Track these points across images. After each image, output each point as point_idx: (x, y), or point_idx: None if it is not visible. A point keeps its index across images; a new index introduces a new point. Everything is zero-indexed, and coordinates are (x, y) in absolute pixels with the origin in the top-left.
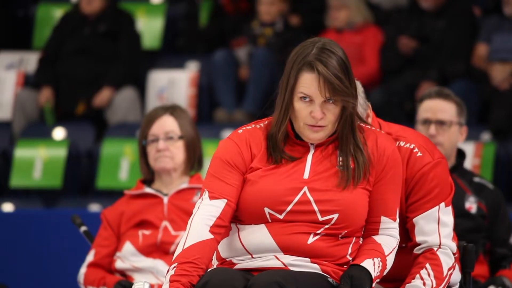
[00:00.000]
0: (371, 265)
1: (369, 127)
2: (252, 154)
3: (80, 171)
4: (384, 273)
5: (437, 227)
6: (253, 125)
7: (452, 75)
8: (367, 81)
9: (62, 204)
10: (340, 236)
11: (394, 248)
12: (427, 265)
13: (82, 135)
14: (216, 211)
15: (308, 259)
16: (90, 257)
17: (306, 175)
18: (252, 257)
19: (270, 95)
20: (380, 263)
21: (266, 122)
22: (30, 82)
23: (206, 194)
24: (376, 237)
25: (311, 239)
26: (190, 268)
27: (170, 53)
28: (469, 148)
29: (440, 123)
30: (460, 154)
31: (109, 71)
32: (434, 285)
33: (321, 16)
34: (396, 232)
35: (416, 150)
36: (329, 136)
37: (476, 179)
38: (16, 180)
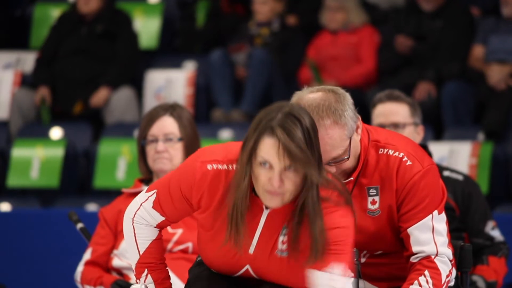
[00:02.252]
0: None
1: (327, 201)
2: (200, 205)
3: (77, 171)
4: None
5: (431, 236)
6: (224, 166)
7: (448, 75)
8: (363, 81)
9: (59, 204)
10: None
11: None
12: (426, 272)
13: (79, 134)
14: (153, 222)
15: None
16: (87, 255)
17: (251, 249)
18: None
19: (267, 95)
20: None
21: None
22: (27, 81)
23: (153, 197)
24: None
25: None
26: (163, 269)
27: (167, 53)
28: (465, 148)
29: (395, 125)
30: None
31: (106, 71)
32: None
33: (318, 16)
34: (339, 281)
35: (405, 159)
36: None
37: (445, 173)
38: (13, 180)
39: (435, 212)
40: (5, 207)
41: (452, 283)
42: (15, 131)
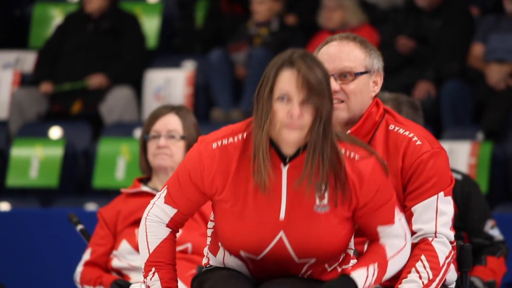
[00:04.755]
0: (363, 276)
1: (343, 148)
2: (216, 186)
3: (77, 171)
4: (387, 277)
5: (434, 216)
6: (230, 139)
7: (447, 75)
8: None
9: (58, 204)
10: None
11: (402, 248)
12: (422, 257)
13: (78, 134)
14: (166, 217)
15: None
16: (86, 256)
17: (281, 215)
18: None
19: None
20: (377, 270)
21: (245, 134)
22: (26, 81)
23: (164, 193)
24: (381, 240)
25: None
26: (172, 270)
27: (167, 53)
28: (465, 148)
29: None
30: None
31: (109, 67)
32: (431, 277)
33: (316, 16)
34: (399, 230)
35: (415, 139)
36: (303, 149)
37: None
38: (13, 180)
39: (441, 194)
40: (5, 206)
41: (453, 286)
42: (14, 130)
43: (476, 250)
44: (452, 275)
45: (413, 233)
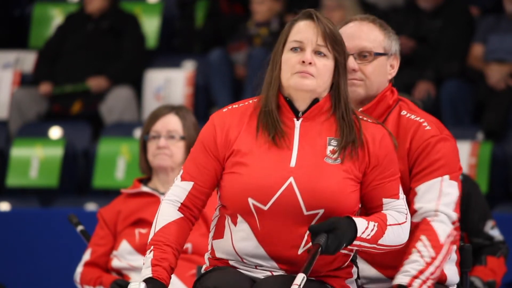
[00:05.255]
0: (363, 225)
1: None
2: (229, 138)
3: (77, 171)
4: (382, 242)
5: (437, 196)
6: (244, 103)
7: (447, 75)
8: None
9: (58, 204)
10: None
11: (402, 223)
12: (422, 237)
13: (78, 134)
14: (183, 193)
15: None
16: (86, 256)
17: (292, 162)
18: (244, 262)
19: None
20: (376, 228)
21: (256, 100)
22: (26, 81)
23: (180, 173)
24: (383, 210)
25: (301, 249)
26: (168, 251)
27: (167, 53)
28: (465, 148)
29: None
30: None
31: (109, 66)
32: (433, 254)
33: None
34: (402, 207)
35: (425, 123)
36: (314, 103)
37: None
38: (13, 180)
39: (446, 176)
40: (5, 206)
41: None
42: (14, 130)
43: (476, 250)
44: (454, 277)
45: (414, 211)
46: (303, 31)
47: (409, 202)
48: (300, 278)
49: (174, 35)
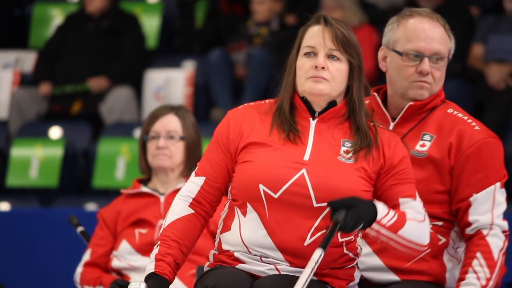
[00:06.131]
0: (384, 211)
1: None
2: (242, 132)
3: (77, 171)
4: (401, 234)
5: (491, 207)
6: (257, 103)
7: (447, 75)
8: None
9: (58, 204)
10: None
11: (421, 221)
12: (478, 254)
13: (78, 134)
14: (195, 188)
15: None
16: (86, 257)
17: (306, 156)
18: (250, 253)
19: (267, 94)
20: (396, 217)
21: (272, 101)
22: (26, 81)
23: (195, 169)
24: (401, 208)
25: (307, 241)
26: (173, 246)
27: (167, 53)
28: None
29: None
30: None
31: (109, 66)
32: (488, 275)
33: None
34: (420, 208)
35: (473, 124)
36: (331, 106)
37: None
38: (13, 180)
39: (498, 184)
40: (5, 206)
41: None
42: (14, 130)
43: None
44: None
45: (468, 224)
46: (315, 36)
47: (463, 212)
48: (318, 253)
49: (174, 35)
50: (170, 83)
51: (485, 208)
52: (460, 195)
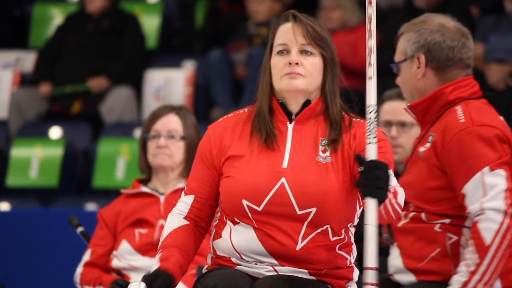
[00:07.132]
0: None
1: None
2: (224, 145)
3: (77, 170)
4: (399, 200)
5: (482, 193)
6: (238, 112)
7: None
8: (362, 80)
9: (58, 203)
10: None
11: (400, 186)
12: (470, 241)
13: (78, 134)
14: (185, 207)
15: (306, 271)
16: (86, 257)
17: (284, 163)
18: (243, 259)
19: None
20: (399, 188)
21: (250, 108)
22: (26, 81)
23: (184, 189)
24: None
25: (300, 245)
26: (175, 252)
27: (167, 52)
28: None
29: (401, 124)
30: None
31: (109, 66)
32: (477, 261)
33: (317, 15)
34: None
35: (461, 116)
36: (307, 104)
37: None
38: (13, 179)
39: (486, 169)
40: (5, 206)
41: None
42: (14, 130)
43: None
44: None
45: (468, 216)
46: (286, 33)
47: (463, 206)
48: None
49: (174, 35)
50: (170, 83)
51: (476, 196)
52: (456, 189)
